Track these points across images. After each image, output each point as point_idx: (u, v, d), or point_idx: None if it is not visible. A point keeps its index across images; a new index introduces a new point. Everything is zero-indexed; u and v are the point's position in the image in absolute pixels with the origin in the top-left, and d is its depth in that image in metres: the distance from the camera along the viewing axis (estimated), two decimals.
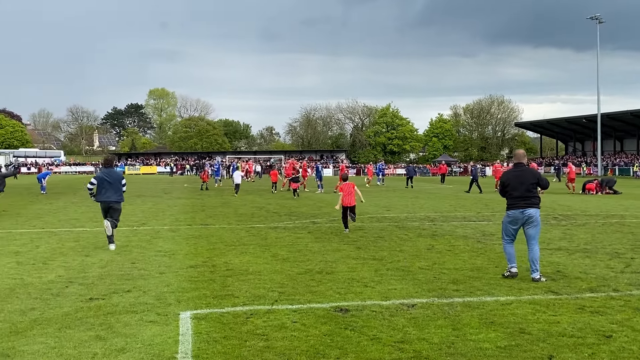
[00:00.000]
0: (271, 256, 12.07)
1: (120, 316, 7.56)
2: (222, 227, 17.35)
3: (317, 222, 18.54)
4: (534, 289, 9.07)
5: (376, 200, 28.42)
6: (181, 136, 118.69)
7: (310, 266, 10.97)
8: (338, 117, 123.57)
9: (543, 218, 19.81)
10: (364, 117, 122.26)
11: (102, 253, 12.54)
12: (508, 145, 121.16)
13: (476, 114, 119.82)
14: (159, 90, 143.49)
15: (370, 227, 17.34)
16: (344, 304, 8.14)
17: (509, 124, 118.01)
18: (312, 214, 21.24)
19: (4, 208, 24.01)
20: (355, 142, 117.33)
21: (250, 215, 20.83)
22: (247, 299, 8.38)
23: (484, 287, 9.19)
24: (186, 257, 11.94)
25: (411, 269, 10.69)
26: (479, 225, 17.89)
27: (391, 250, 12.84)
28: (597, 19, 66.87)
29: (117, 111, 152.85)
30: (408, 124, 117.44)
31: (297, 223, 18.38)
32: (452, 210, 23.01)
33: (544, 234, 15.65)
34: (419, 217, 20.42)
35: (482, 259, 11.84)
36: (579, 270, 10.63)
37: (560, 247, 13.42)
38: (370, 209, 23.42)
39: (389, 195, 32.77)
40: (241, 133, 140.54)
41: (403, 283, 9.51)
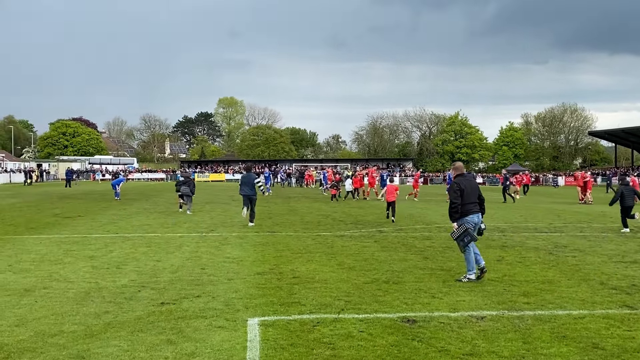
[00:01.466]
0: (337, 264, 12.10)
1: (190, 321, 7.74)
2: (289, 234, 17.50)
3: (384, 231, 18.46)
4: (608, 303, 8.78)
5: (444, 210, 28.08)
6: (249, 144, 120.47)
7: (376, 275, 10.94)
8: (405, 125, 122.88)
9: (617, 230, 19.16)
10: (432, 125, 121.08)
11: (173, 258, 12.86)
12: (581, 154, 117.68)
13: (548, 122, 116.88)
14: (227, 99, 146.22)
15: (437, 237, 17.15)
16: (411, 314, 8.09)
17: (582, 133, 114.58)
18: (379, 223, 21.17)
19: (79, 213, 24.94)
20: (423, 150, 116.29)
21: (316, 223, 20.94)
22: (313, 307, 8.43)
23: (555, 300, 8.96)
24: (254, 264, 12.11)
25: (480, 281, 10.51)
26: (551, 236, 17.43)
27: (459, 261, 12.63)
28: None
29: (188, 119, 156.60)
30: (477, 132, 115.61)
31: (363, 232, 18.36)
32: (523, 221, 22.50)
33: (618, 246, 15.15)
34: (488, 227, 20.02)
35: (554, 271, 11.53)
36: None
37: (636, 260, 12.93)
38: (437, 219, 23.16)
39: None
40: (307, 141, 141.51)
41: (472, 295, 9.37)
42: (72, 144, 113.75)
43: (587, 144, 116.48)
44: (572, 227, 20.41)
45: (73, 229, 18.75)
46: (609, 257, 13.39)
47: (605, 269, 11.79)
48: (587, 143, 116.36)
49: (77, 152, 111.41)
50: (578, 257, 13.29)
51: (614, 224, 21.30)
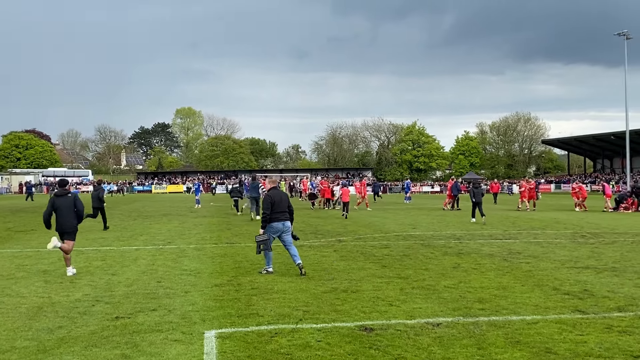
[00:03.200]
0: (296, 275, 12.07)
1: (145, 335, 7.63)
2: (248, 245, 17.41)
3: (343, 241, 18.53)
4: (561, 308, 8.97)
5: (402, 219, 28.32)
6: (207, 155, 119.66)
7: (335, 285, 10.97)
8: (364, 135, 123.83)
9: (570, 236, 19.62)
10: (390, 135, 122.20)
11: (129, 272, 12.67)
12: (535, 162, 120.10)
13: (502, 131, 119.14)
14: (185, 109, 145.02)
15: (395, 245, 17.28)
16: (368, 323, 8.13)
17: (535, 141, 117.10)
18: (338, 232, 21.23)
19: (33, 227, 24.39)
20: (382, 159, 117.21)
21: None
22: (271, 318, 8.41)
23: (509, 306, 9.11)
24: (211, 276, 12.01)
25: (437, 288, 10.63)
26: (506, 243, 17.74)
27: (416, 269, 12.79)
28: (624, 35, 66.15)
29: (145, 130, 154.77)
30: (434, 142, 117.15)
31: (322, 241, 18.38)
32: (479, 229, 22.83)
33: (571, 252, 15.49)
34: (445, 235, 20.30)
35: (509, 277, 11.73)
36: (606, 289, 10.48)
37: (588, 265, 13.25)
38: (396, 228, 23.34)
39: (415, 214, 32.63)
40: (267, 151, 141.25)
41: (428, 302, 9.47)
42: (25, 156, 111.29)
43: (541, 152, 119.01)
44: (526, 233, 20.79)
45: (26, 243, 18.33)
46: (562, 263, 13.68)
47: (558, 274, 12.05)
48: (541, 151, 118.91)
49: (30, 164, 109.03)
50: (532, 263, 13.54)
51: (567, 230, 21.79)
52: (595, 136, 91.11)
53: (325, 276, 11.91)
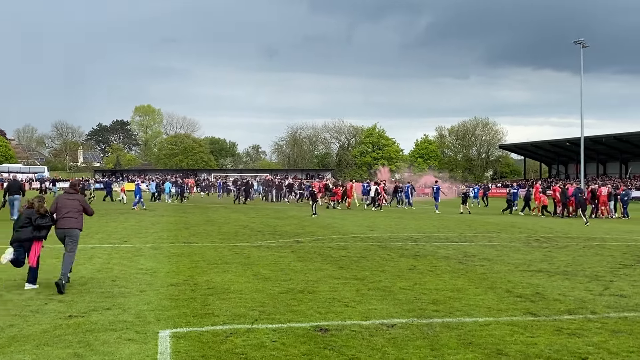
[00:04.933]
0: (253, 275, 12.07)
1: (98, 334, 7.54)
2: (205, 245, 17.32)
3: (301, 242, 18.56)
4: (513, 310, 9.15)
5: (360, 221, 28.49)
6: (166, 153, 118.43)
7: (291, 285, 10.99)
8: (324, 136, 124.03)
9: (524, 240, 20.02)
10: (350, 136, 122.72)
11: (83, 270, 12.48)
12: (492, 167, 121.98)
13: (461, 136, 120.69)
14: (144, 106, 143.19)
15: (353, 246, 17.39)
16: (324, 323, 8.17)
17: (493, 146, 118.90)
18: (296, 233, 21.25)
19: None
20: (342, 161, 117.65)
21: (233, 234, 20.80)
22: (227, 318, 8.39)
23: (463, 308, 9.26)
24: (167, 275, 11.91)
25: (392, 289, 10.74)
26: (461, 246, 18.00)
27: (373, 270, 12.89)
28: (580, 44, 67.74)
29: (103, 127, 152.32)
30: (394, 145, 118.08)
31: (280, 242, 18.39)
32: (436, 231, 23.11)
33: (524, 256, 15.80)
34: (402, 237, 20.49)
35: (463, 279, 11.92)
36: (558, 292, 10.73)
37: (541, 269, 13.54)
38: (354, 229, 23.47)
39: (373, 216, 32.85)
40: (227, 151, 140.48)
41: (384, 303, 9.56)
42: None
43: (498, 157, 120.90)
44: (481, 237, 21.13)
45: None
46: (515, 266, 13.95)
47: (511, 277, 12.28)
48: (498, 156, 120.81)
49: None
50: (486, 266, 13.78)
51: (521, 234, 22.21)
52: (551, 142, 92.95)
53: (282, 277, 11.92)
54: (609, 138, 79.48)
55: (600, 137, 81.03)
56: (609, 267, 13.87)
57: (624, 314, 9.01)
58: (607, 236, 21.94)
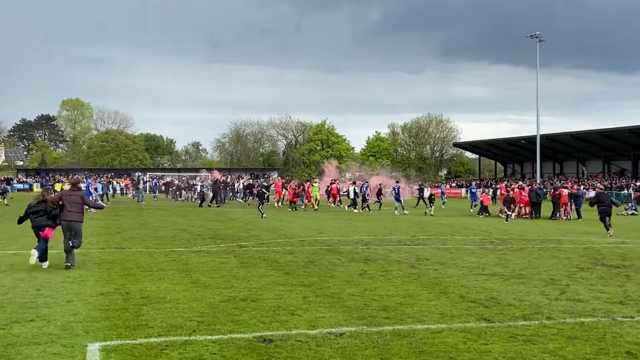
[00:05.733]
0: (191, 283, 11.97)
1: (21, 348, 7.35)
2: (139, 250, 17.08)
3: (244, 246, 18.48)
4: (466, 316, 9.32)
5: (309, 223, 28.54)
6: (97, 151, 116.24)
7: (233, 293, 10.94)
8: (270, 133, 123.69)
9: (478, 242, 20.40)
10: (298, 133, 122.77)
11: (4, 279, 12.15)
12: (446, 166, 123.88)
13: (414, 133, 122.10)
14: (72, 100, 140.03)
15: (300, 251, 17.41)
16: (268, 333, 8.16)
17: (447, 144, 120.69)
18: (239, 237, 21.15)
19: None
20: (289, 160, 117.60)
21: (170, 238, 20.58)
22: (162, 330, 8.29)
23: (415, 315, 9.38)
24: (97, 284, 11.71)
25: (341, 296, 10.80)
26: (414, 249, 18.22)
27: (321, 276, 12.94)
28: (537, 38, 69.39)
29: (27, 123, 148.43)
30: (344, 142, 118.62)
31: (222, 246, 18.27)
32: (387, 234, 23.34)
33: (479, 259, 16.10)
34: (353, 240, 20.62)
35: (415, 284, 12.07)
36: (512, 297, 10.97)
37: (495, 272, 13.82)
38: (301, 232, 23.49)
39: (322, 218, 32.95)
40: (164, 148, 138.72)
41: (332, 311, 9.60)
42: None
43: (452, 156, 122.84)
44: (435, 239, 21.44)
45: None
46: (469, 269, 14.21)
47: (465, 281, 12.50)
48: (452, 154, 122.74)
49: None
50: (439, 270, 13.99)
51: (475, 237, 22.63)
52: (507, 140, 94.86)
53: (223, 284, 11.86)
54: (565, 136, 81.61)
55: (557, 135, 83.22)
56: (565, 271, 14.25)
57: (581, 320, 9.26)
58: (564, 238, 22.54)
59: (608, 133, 74.36)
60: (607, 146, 78.08)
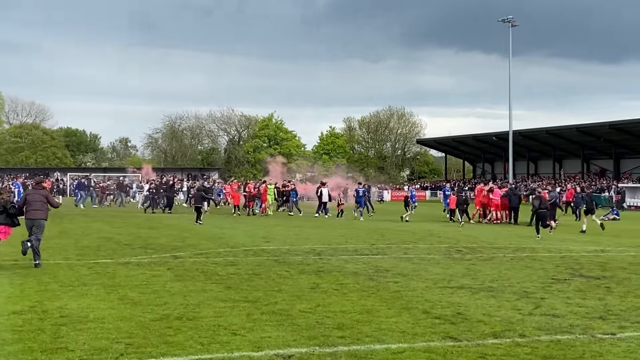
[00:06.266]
0: (118, 299, 11.86)
1: None
2: (58, 262, 16.86)
3: (180, 257, 18.36)
4: (430, 335, 9.42)
5: (254, 230, 28.48)
6: (9, 147, 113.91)
7: (167, 311, 10.87)
8: (210, 128, 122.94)
9: (445, 251, 20.64)
10: (242, 128, 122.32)
11: None
12: (409, 165, 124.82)
13: (373, 129, 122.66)
14: None
15: (244, 262, 17.37)
16: (206, 356, 8.14)
17: (410, 141, 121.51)
18: (174, 247, 21.00)
19: None
20: (231, 158, 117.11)
21: (95, 248, 20.32)
22: (84, 353, 8.20)
23: (373, 333, 9.44)
24: (9, 301, 11.53)
25: (290, 313, 10.81)
26: (372, 259, 18.35)
27: (268, 290, 12.93)
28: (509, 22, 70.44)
29: None
30: (294, 139, 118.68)
31: (154, 257, 18.13)
32: (343, 242, 23.44)
33: (445, 270, 16.29)
34: (304, 250, 20.65)
35: (374, 299, 12.15)
36: (482, 312, 11.14)
37: (463, 285, 14.01)
38: (245, 240, 23.44)
39: (270, 224, 32.92)
40: (87, 145, 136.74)
41: (280, 330, 9.61)
42: None
43: (416, 154, 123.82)
44: (396, 248, 21.63)
45: None
46: (434, 282, 14.37)
47: (429, 295, 12.64)
48: (416, 152, 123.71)
49: None
50: (401, 283, 14.12)
51: (441, 245, 22.90)
52: (476, 136, 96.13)
53: (156, 300, 11.77)
54: (540, 132, 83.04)
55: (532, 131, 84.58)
56: (540, 282, 14.52)
57: (557, 337, 9.45)
58: (539, 246, 22.98)
59: (587, 129, 75.97)
60: (586, 144, 79.78)
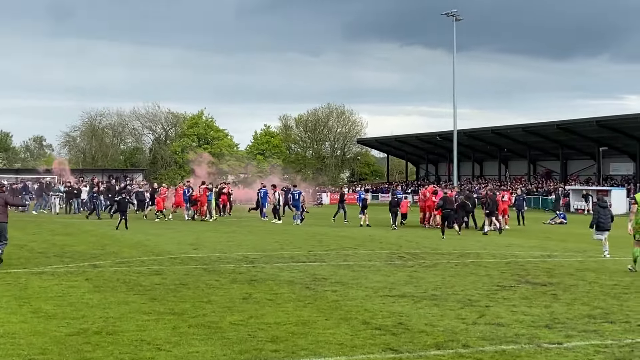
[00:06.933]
0: (31, 312, 11.67)
1: None
2: None
3: (99, 266, 18.11)
4: (370, 347, 9.47)
5: (181, 237, 28.24)
6: None
7: (85, 325, 10.73)
8: (133, 125, 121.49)
9: (386, 257, 20.81)
10: (169, 127, 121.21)
11: None
12: (349, 166, 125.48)
13: (311, 127, 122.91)
14: None
15: (170, 271, 17.22)
16: None
17: (350, 141, 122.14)
18: (93, 255, 20.69)
19: None
20: (157, 158, 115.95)
21: (5, 257, 19.82)
22: None
23: (309, 346, 9.46)
24: None
25: (220, 325, 10.76)
26: (309, 267, 18.39)
27: (196, 302, 12.85)
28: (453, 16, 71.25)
29: None
30: (226, 137, 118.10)
31: (71, 267, 17.86)
32: (278, 249, 23.42)
33: (386, 277, 16.42)
34: (235, 257, 20.57)
35: (310, 309, 12.18)
36: (424, 321, 11.26)
37: (405, 293, 14.14)
38: (172, 248, 23.23)
39: (200, 230, 32.68)
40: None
41: (208, 344, 9.56)
42: None
43: (356, 154, 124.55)
44: (335, 254, 21.70)
45: None
46: (375, 290, 14.47)
47: (369, 305, 12.72)
48: (356, 153, 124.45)
49: None
50: (339, 292, 14.18)
51: (382, 251, 23.07)
52: (419, 136, 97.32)
53: (73, 313, 11.61)
54: (486, 132, 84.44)
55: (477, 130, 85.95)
56: (484, 290, 14.76)
57: (502, 347, 9.61)
58: (484, 251, 23.35)
59: (533, 129, 77.58)
60: (532, 144, 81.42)
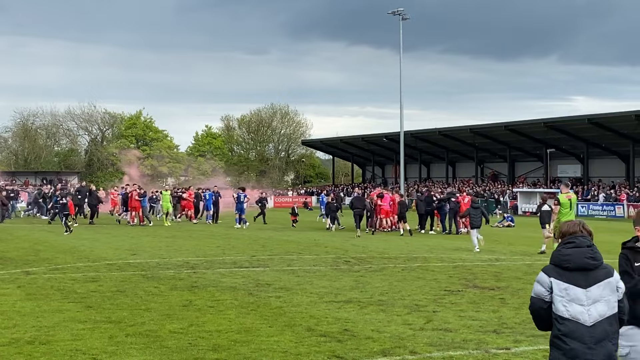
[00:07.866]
0: None
1: None
2: None
3: (32, 273, 17.87)
4: (315, 354, 9.50)
5: (118, 242, 27.96)
6: None
7: (17, 334, 10.62)
8: (69, 126, 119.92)
9: (332, 262, 20.89)
10: (106, 127, 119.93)
11: None
12: (294, 168, 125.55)
13: (254, 128, 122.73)
14: None
15: (107, 277, 17.06)
16: None
17: (294, 142, 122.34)
18: (25, 261, 20.42)
19: None
20: (93, 161, 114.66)
21: None
22: None
23: (252, 354, 9.46)
24: None
25: (159, 334, 10.72)
26: (253, 272, 18.37)
27: (134, 309, 12.77)
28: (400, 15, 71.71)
29: None
30: (165, 139, 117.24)
31: (2, 274, 17.67)
32: (220, 254, 23.35)
33: (331, 282, 16.47)
34: (175, 263, 20.45)
35: (254, 316, 12.18)
36: (371, 327, 11.32)
37: (351, 298, 14.20)
38: (108, 253, 22.98)
39: (137, 234, 32.40)
40: None
41: (147, 353, 9.51)
42: None
43: (301, 156, 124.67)
44: (278, 259, 21.71)
45: None
46: (320, 296, 14.51)
47: (314, 311, 12.75)
48: (301, 155, 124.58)
49: None
50: (283, 298, 14.19)
51: (328, 255, 23.14)
52: (365, 137, 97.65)
53: (4, 323, 11.48)
54: (433, 133, 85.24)
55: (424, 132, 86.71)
56: (432, 295, 14.89)
57: (449, 353, 9.72)
58: (431, 255, 23.56)
59: (481, 130, 78.57)
60: (480, 146, 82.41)
